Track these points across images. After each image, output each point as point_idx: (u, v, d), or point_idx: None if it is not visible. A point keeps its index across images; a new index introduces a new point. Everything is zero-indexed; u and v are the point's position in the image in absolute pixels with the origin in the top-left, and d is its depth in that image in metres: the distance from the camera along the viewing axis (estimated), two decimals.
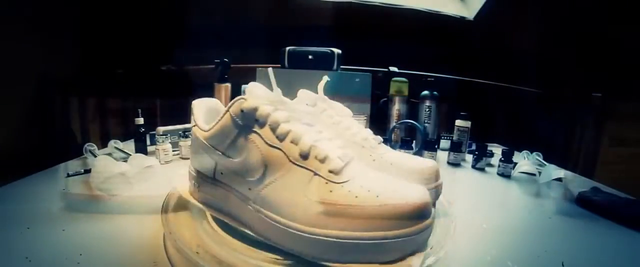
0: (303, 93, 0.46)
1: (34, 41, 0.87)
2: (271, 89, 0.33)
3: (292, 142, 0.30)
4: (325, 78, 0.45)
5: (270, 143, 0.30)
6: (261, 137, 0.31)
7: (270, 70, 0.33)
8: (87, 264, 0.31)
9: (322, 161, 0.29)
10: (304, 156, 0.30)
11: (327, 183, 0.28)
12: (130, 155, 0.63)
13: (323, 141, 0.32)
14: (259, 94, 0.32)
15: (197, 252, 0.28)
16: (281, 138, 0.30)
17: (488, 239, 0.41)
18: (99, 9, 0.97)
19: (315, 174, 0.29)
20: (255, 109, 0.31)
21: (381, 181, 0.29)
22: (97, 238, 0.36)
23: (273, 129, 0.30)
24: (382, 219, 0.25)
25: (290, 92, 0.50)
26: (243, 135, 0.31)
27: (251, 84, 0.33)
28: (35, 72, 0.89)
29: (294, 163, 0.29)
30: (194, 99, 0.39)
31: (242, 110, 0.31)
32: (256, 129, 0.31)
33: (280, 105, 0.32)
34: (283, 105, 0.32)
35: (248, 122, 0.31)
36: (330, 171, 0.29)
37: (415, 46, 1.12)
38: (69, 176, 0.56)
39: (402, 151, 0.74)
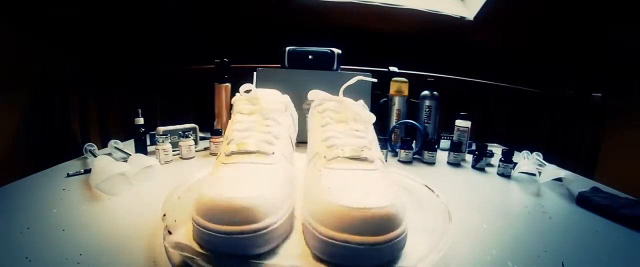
0: (313, 93, 0.47)
1: (34, 42, 0.87)
2: (273, 87, 0.43)
3: (231, 125, 0.40)
4: (357, 78, 0.45)
5: (230, 126, 0.40)
6: (231, 121, 0.41)
7: (255, 73, 0.44)
8: (87, 264, 0.31)
9: (229, 143, 0.37)
10: (226, 138, 0.39)
11: (218, 160, 0.36)
12: (130, 155, 0.63)
13: (256, 132, 0.38)
14: (243, 92, 0.43)
15: (197, 252, 0.28)
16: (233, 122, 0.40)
17: (488, 239, 0.41)
18: (99, 8, 0.97)
19: (221, 152, 0.37)
20: (234, 102, 0.44)
21: (250, 176, 0.31)
22: (97, 238, 0.36)
23: (235, 116, 0.41)
24: (205, 207, 0.27)
25: (290, 91, 0.51)
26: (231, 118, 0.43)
27: (244, 85, 0.43)
28: (35, 72, 0.89)
29: (226, 142, 0.38)
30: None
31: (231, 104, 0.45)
32: (232, 115, 0.43)
33: (255, 101, 0.42)
34: (257, 101, 0.41)
35: (232, 110, 0.44)
36: (224, 152, 0.36)
37: (415, 46, 1.12)
38: (69, 175, 0.56)
39: (404, 151, 0.75)
